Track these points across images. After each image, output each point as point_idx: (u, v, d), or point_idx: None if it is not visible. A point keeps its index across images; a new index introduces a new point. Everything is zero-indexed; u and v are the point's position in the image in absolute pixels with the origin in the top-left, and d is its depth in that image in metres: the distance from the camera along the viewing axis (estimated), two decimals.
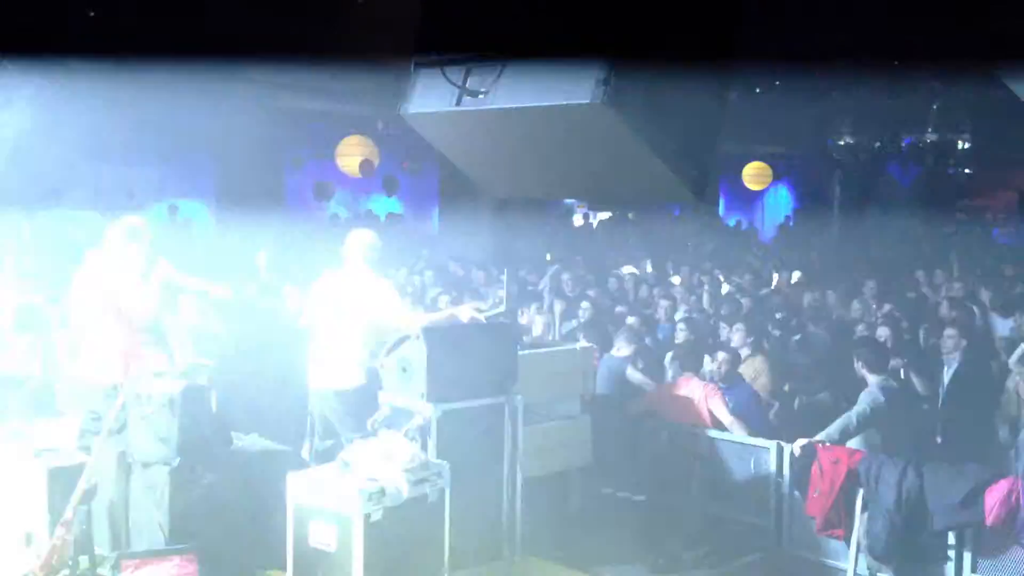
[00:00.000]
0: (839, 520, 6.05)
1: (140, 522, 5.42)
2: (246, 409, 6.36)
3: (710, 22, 5.00)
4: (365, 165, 16.51)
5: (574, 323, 9.19)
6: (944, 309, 9.21)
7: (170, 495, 5.28)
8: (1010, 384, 6.96)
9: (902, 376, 7.31)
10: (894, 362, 7.22)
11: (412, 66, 5.99)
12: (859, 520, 5.96)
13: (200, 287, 6.54)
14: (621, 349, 7.65)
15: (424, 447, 5.27)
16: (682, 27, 4.74)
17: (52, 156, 10.65)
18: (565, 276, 11.61)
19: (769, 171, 20.77)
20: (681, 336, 8.24)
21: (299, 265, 10.21)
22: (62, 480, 5.48)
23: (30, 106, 9.28)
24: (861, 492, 5.96)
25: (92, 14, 9.43)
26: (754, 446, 6.61)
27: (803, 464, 6.24)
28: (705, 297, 10.80)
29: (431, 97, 5.90)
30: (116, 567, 5.04)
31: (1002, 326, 9.11)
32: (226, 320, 7.49)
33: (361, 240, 6.29)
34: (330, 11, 9.37)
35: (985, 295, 10.27)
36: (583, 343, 7.43)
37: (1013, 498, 5.45)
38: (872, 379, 6.54)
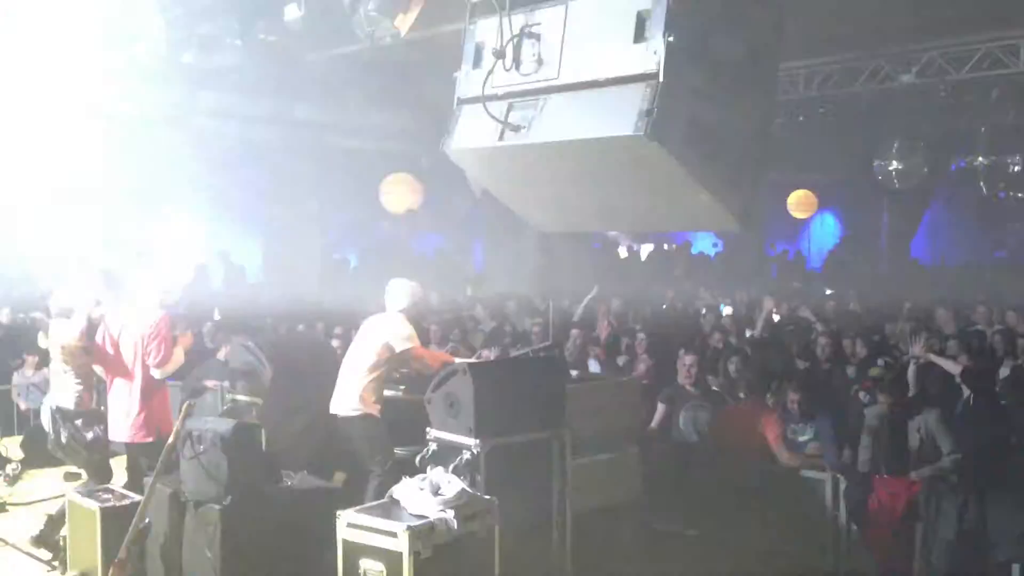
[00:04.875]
0: (898, 553, 5.90)
1: (193, 561, 5.44)
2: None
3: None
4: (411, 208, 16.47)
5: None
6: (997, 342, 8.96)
7: (222, 534, 5.29)
8: None
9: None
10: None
11: (455, 102, 6.04)
12: (919, 553, 5.81)
13: None
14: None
15: (472, 483, 5.23)
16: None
17: None
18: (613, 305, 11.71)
19: (814, 199, 20.50)
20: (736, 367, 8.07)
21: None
22: (115, 520, 5.55)
23: None
24: (921, 525, 5.83)
25: None
26: (809, 478, 6.49)
27: (859, 497, 6.13)
28: (759, 326, 10.62)
29: (474, 132, 5.94)
30: None
31: None
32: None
33: (392, 287, 6.43)
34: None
35: None
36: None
37: None
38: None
